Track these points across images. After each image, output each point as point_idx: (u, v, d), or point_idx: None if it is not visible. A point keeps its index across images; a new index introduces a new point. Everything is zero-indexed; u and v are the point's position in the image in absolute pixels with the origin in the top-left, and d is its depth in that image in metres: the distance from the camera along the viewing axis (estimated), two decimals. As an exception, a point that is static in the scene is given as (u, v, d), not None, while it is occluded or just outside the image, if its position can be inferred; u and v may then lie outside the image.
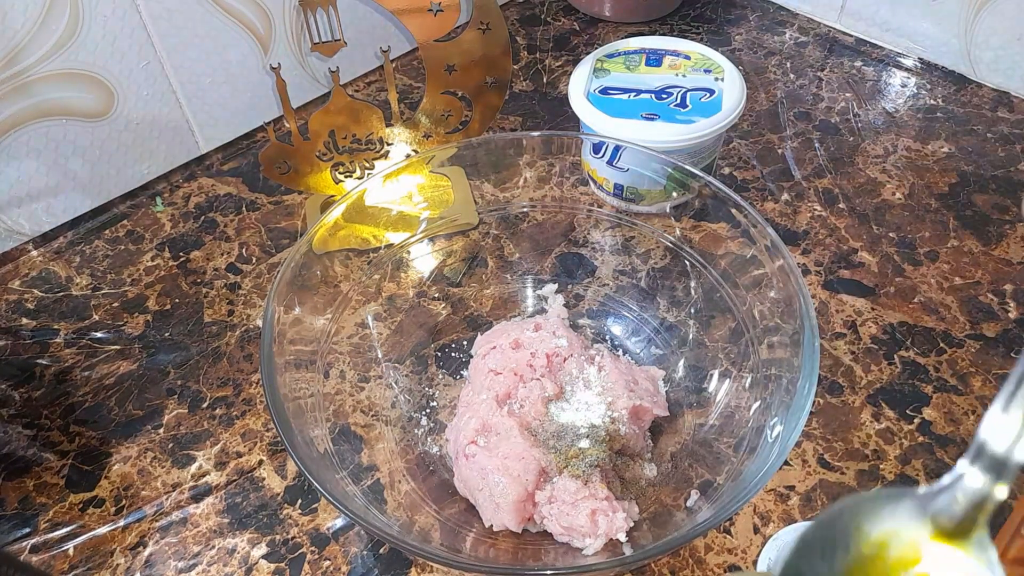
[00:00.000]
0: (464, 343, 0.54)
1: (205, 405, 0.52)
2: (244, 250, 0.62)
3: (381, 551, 0.45)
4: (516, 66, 0.77)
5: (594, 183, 0.59)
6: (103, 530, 0.46)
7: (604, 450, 0.44)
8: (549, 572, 0.42)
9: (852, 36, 0.79)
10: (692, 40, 0.65)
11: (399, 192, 0.52)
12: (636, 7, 0.82)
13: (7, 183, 0.59)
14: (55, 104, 0.58)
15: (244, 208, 0.65)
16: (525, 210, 0.56)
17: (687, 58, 0.63)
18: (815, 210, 0.63)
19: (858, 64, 0.76)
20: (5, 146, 0.57)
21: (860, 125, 0.70)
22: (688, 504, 0.43)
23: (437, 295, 0.55)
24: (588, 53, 0.64)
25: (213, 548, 0.45)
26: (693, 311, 0.51)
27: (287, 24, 0.67)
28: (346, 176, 0.59)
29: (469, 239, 0.57)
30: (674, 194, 0.52)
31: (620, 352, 0.52)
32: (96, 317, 0.57)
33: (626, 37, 0.66)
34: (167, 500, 0.48)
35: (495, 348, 0.49)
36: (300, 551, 0.45)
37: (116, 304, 0.58)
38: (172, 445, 0.50)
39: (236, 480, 0.48)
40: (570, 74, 0.62)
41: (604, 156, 0.57)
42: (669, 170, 0.51)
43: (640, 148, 0.52)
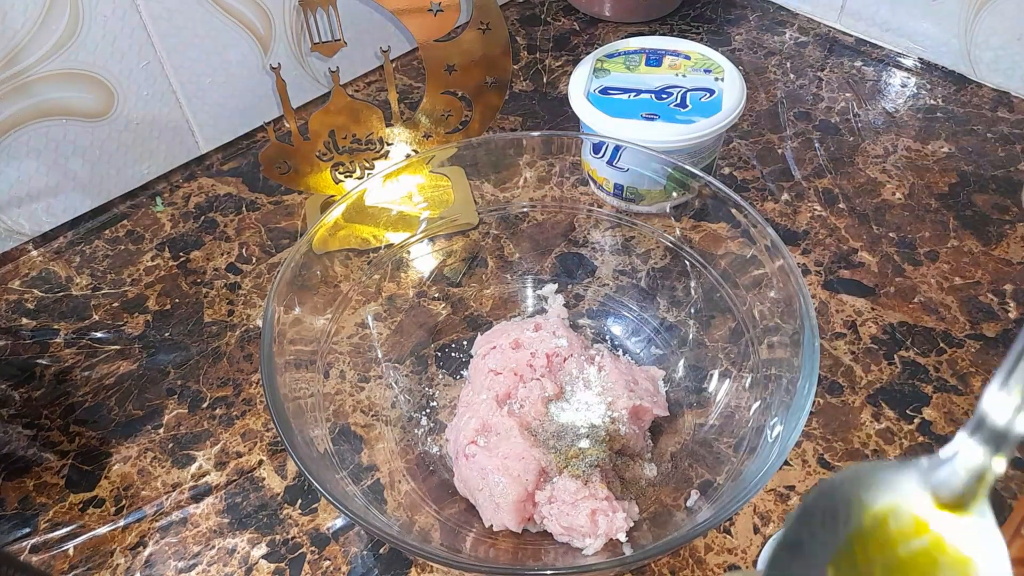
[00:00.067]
0: (464, 343, 0.54)
1: (205, 405, 0.52)
2: (244, 250, 0.62)
3: (381, 551, 0.45)
4: (516, 66, 0.77)
5: (594, 183, 0.59)
6: (103, 530, 0.46)
7: (604, 450, 0.44)
8: (549, 572, 0.42)
9: (852, 36, 0.79)
10: (692, 40, 0.64)
11: (399, 192, 0.52)
12: (636, 7, 0.82)
13: (7, 183, 0.59)
14: (55, 104, 0.58)
15: (244, 208, 0.65)
16: (525, 210, 0.56)
17: (687, 58, 0.63)
18: (815, 210, 0.63)
19: (858, 64, 0.76)
20: (5, 146, 0.57)
21: (860, 125, 0.70)
22: (688, 504, 0.43)
23: (437, 295, 0.55)
24: (588, 53, 0.64)
25: (213, 548, 0.45)
26: (693, 311, 0.51)
27: (287, 24, 0.67)
28: (346, 176, 0.59)
29: (469, 239, 0.57)
30: (674, 194, 0.52)
31: (620, 352, 0.52)
32: (96, 317, 0.57)
33: (626, 37, 0.66)
34: (167, 500, 0.48)
35: (495, 348, 0.49)
36: (300, 551, 0.45)
37: (116, 304, 0.58)
38: (172, 445, 0.50)
39: (236, 480, 0.48)
40: (570, 74, 0.62)
41: (604, 156, 0.57)
42: (669, 170, 0.51)
43: (640, 148, 0.52)
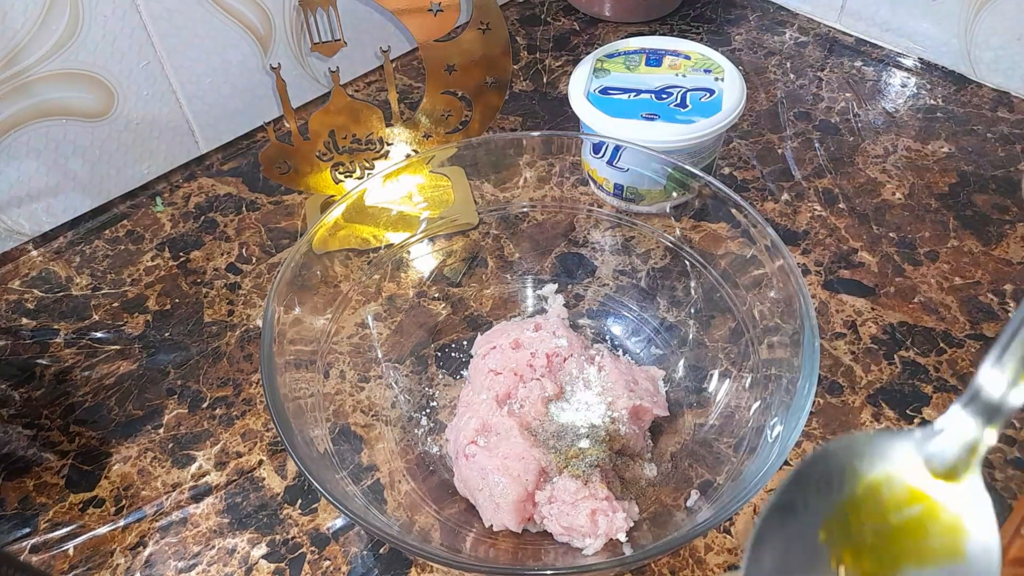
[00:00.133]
0: (464, 343, 0.54)
1: (205, 405, 0.52)
2: (244, 250, 0.62)
3: (381, 551, 0.45)
4: (516, 66, 0.77)
5: (594, 183, 0.59)
6: (103, 530, 0.46)
7: (604, 450, 0.44)
8: (549, 572, 0.42)
9: (852, 36, 0.79)
10: (692, 40, 0.64)
11: (399, 192, 0.52)
12: (636, 7, 0.82)
13: (7, 183, 0.59)
14: (55, 104, 0.58)
15: (244, 208, 0.65)
16: (525, 210, 0.56)
17: (687, 58, 0.63)
18: (815, 210, 0.63)
19: (858, 64, 0.76)
20: (5, 146, 0.57)
21: (860, 125, 0.70)
22: (688, 504, 0.43)
23: (437, 295, 0.55)
24: (588, 53, 0.64)
25: (213, 548, 0.45)
26: (693, 311, 0.51)
27: (287, 24, 0.67)
28: (346, 176, 0.59)
29: (469, 239, 0.57)
30: (674, 194, 0.52)
31: (620, 352, 0.52)
32: (96, 317, 0.57)
33: (626, 37, 0.66)
34: (167, 500, 0.48)
35: (495, 348, 0.49)
36: (300, 551, 0.45)
37: (116, 304, 0.58)
38: (172, 445, 0.50)
39: (236, 480, 0.48)
40: (570, 74, 0.62)
41: (604, 156, 0.57)
42: (669, 170, 0.51)
43: (640, 148, 0.52)
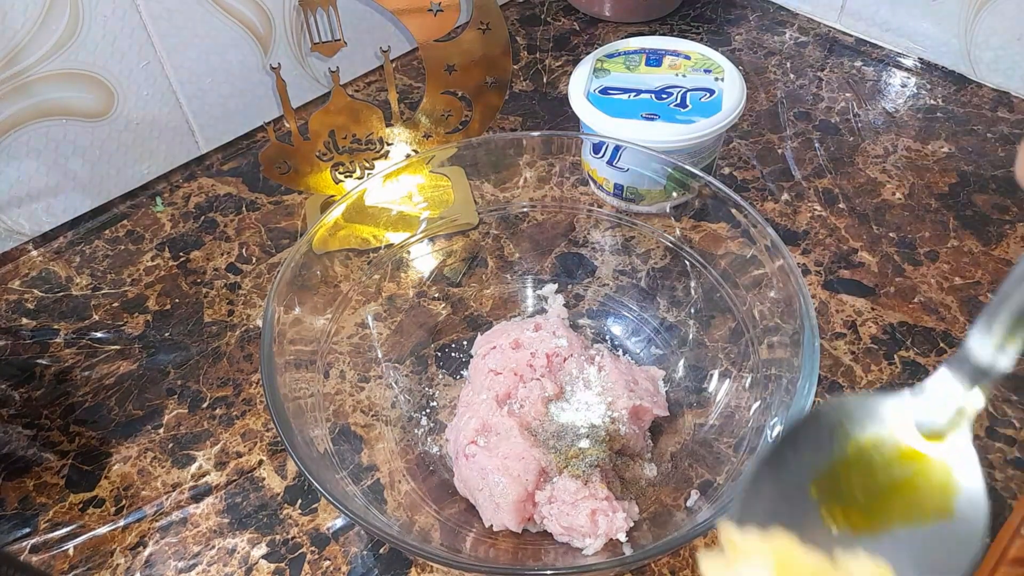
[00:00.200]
0: (464, 343, 0.54)
1: (205, 405, 0.52)
2: (244, 250, 0.62)
3: (381, 551, 0.45)
4: (516, 66, 0.77)
5: (594, 183, 0.59)
6: (103, 530, 0.46)
7: (604, 450, 0.44)
8: (549, 572, 0.42)
9: (852, 36, 0.79)
10: (692, 40, 0.64)
11: (399, 192, 0.52)
12: (636, 7, 0.82)
13: (7, 183, 0.59)
14: (55, 104, 0.58)
15: (244, 208, 0.65)
16: (525, 210, 0.56)
17: (687, 58, 0.63)
18: (815, 210, 0.63)
19: (858, 64, 0.76)
20: (5, 146, 0.57)
21: (860, 125, 0.70)
22: (688, 504, 0.43)
23: (437, 295, 0.55)
24: (588, 53, 0.64)
25: (213, 548, 0.45)
26: (693, 311, 0.51)
27: (287, 24, 0.67)
28: (346, 176, 0.59)
29: (469, 239, 0.57)
30: (674, 194, 0.52)
31: (620, 352, 0.52)
32: (96, 317, 0.57)
33: (626, 37, 0.66)
34: (167, 500, 0.48)
35: (495, 348, 0.49)
36: (300, 551, 0.45)
37: (116, 304, 0.58)
38: (172, 445, 0.50)
39: (236, 480, 0.48)
40: (570, 74, 0.62)
41: (604, 156, 0.57)
42: (669, 170, 0.51)
43: (640, 148, 0.52)
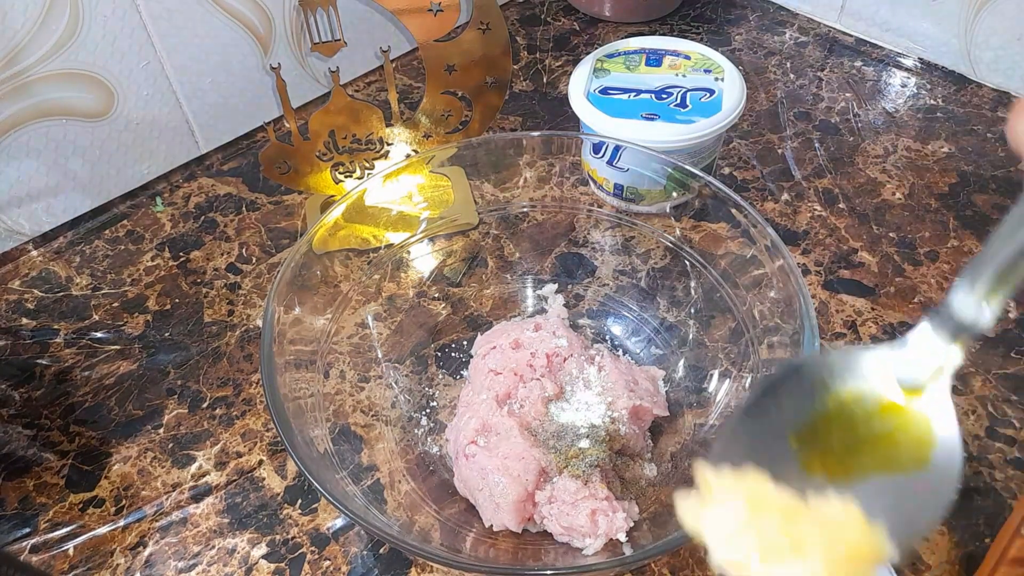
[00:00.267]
0: (464, 343, 0.54)
1: (205, 405, 0.52)
2: (244, 250, 0.62)
3: (381, 551, 0.45)
4: (516, 66, 0.77)
5: (594, 183, 0.59)
6: (103, 530, 0.46)
7: (604, 450, 0.44)
8: (549, 572, 0.42)
9: (852, 36, 0.79)
10: (692, 40, 0.64)
11: (399, 192, 0.52)
12: (636, 7, 0.82)
13: (7, 183, 0.59)
14: (55, 104, 0.58)
15: (244, 208, 0.65)
16: (525, 210, 0.56)
17: (687, 58, 0.63)
18: (815, 210, 0.63)
19: (858, 64, 0.76)
20: (5, 146, 0.57)
21: (860, 125, 0.70)
22: (688, 504, 0.43)
23: (437, 295, 0.55)
24: (588, 53, 0.64)
25: (213, 548, 0.45)
26: (693, 311, 0.51)
27: (287, 24, 0.67)
28: (346, 176, 0.59)
29: (469, 239, 0.57)
30: (674, 194, 0.52)
31: (620, 352, 0.52)
32: (96, 317, 0.57)
33: (626, 37, 0.66)
34: (167, 500, 0.48)
35: (495, 348, 0.49)
36: (300, 551, 0.45)
37: (116, 304, 0.58)
38: (172, 445, 0.50)
39: (236, 480, 0.48)
40: (570, 74, 0.62)
41: (604, 156, 0.57)
42: (669, 170, 0.51)
43: (640, 148, 0.52)
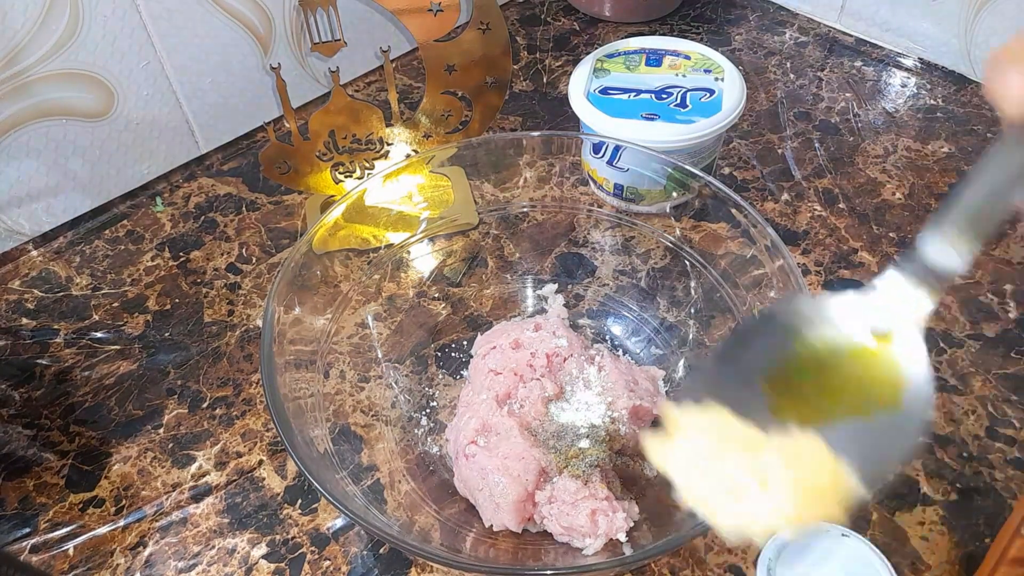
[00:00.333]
0: (464, 343, 0.54)
1: (205, 405, 0.52)
2: (244, 250, 0.62)
3: (381, 551, 0.45)
4: (516, 66, 0.77)
5: (594, 183, 0.59)
6: (103, 530, 0.46)
7: (604, 450, 0.44)
8: (549, 572, 0.42)
9: (852, 36, 0.79)
10: (692, 40, 0.64)
11: (399, 192, 0.52)
12: (636, 7, 0.82)
13: (7, 183, 0.59)
14: (55, 104, 0.58)
15: (244, 208, 0.65)
16: (525, 210, 0.56)
17: (687, 58, 0.63)
18: (815, 210, 0.63)
19: (858, 64, 0.76)
20: (5, 146, 0.57)
21: (860, 125, 0.70)
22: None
23: (437, 295, 0.55)
24: (588, 53, 0.64)
25: (213, 548, 0.45)
26: (693, 311, 0.51)
27: (287, 24, 0.67)
28: (346, 176, 0.59)
29: (469, 239, 0.57)
30: (674, 194, 0.52)
31: (620, 352, 0.52)
32: (96, 317, 0.57)
33: (626, 37, 0.66)
34: (167, 500, 0.48)
35: (495, 348, 0.49)
36: (300, 551, 0.45)
37: (116, 304, 0.58)
38: (172, 445, 0.50)
39: (236, 480, 0.48)
40: (570, 74, 0.62)
41: (604, 156, 0.57)
42: (669, 170, 0.51)
43: (640, 148, 0.52)
